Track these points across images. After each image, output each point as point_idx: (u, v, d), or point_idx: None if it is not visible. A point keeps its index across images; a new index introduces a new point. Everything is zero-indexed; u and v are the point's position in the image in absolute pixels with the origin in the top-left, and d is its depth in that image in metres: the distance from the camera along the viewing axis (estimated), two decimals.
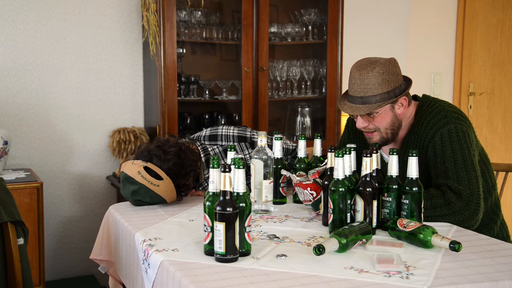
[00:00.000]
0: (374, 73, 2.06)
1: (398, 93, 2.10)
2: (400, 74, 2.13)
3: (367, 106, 2.08)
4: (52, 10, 3.37)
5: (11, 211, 1.93)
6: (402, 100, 2.13)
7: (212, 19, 3.49)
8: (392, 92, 2.09)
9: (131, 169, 2.22)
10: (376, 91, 2.07)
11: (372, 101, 2.08)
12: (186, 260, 1.65)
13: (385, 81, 2.07)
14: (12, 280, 1.90)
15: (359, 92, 2.09)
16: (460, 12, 4.48)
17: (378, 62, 2.08)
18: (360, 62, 2.13)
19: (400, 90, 2.10)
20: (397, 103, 2.13)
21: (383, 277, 1.51)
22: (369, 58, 2.14)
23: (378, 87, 2.07)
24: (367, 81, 2.07)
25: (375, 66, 2.07)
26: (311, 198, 2.10)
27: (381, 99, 2.08)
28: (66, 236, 3.53)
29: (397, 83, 2.10)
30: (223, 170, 1.58)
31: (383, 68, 2.07)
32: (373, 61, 2.10)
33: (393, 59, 2.13)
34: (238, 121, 3.56)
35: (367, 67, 2.08)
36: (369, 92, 2.07)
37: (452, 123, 2.10)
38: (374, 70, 2.06)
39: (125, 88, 3.57)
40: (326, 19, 3.62)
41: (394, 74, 2.09)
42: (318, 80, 3.75)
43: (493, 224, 2.21)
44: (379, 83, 2.06)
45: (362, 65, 2.10)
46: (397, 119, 2.16)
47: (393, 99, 2.08)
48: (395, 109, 2.13)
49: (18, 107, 3.35)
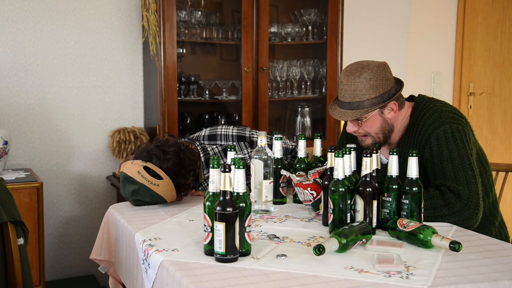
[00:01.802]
0: (361, 79, 2.06)
1: (387, 98, 2.09)
2: (390, 79, 2.11)
3: (354, 112, 2.08)
4: (52, 10, 3.37)
5: (11, 211, 1.93)
6: (391, 105, 2.12)
7: (212, 19, 3.49)
8: (381, 97, 2.08)
9: (131, 169, 2.22)
10: (363, 96, 2.07)
11: (360, 107, 2.08)
12: (186, 260, 1.65)
13: (373, 87, 2.06)
14: (12, 280, 1.90)
15: (347, 97, 2.09)
16: (460, 12, 4.48)
17: (367, 67, 2.08)
18: (350, 67, 2.12)
19: (389, 95, 2.10)
20: (387, 108, 2.12)
21: (383, 277, 1.51)
22: (360, 62, 2.13)
23: (365, 93, 2.06)
24: (354, 86, 2.07)
25: (362, 72, 2.06)
26: (311, 198, 2.10)
27: (369, 105, 2.07)
28: (66, 236, 3.53)
29: (386, 88, 2.09)
30: (223, 170, 1.58)
31: (370, 74, 2.06)
32: (364, 65, 2.10)
33: (383, 64, 2.11)
34: (238, 121, 3.56)
35: (355, 73, 2.07)
36: (357, 98, 2.07)
37: (447, 123, 2.09)
38: (361, 76, 2.06)
39: (125, 88, 3.57)
40: (326, 19, 3.62)
41: (383, 79, 2.08)
42: (318, 80, 3.75)
43: (490, 226, 2.21)
44: (366, 89, 2.06)
45: (351, 70, 2.10)
46: (388, 124, 2.15)
47: (382, 104, 2.08)
48: (384, 114, 2.13)
49: (18, 107, 3.35)
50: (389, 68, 2.14)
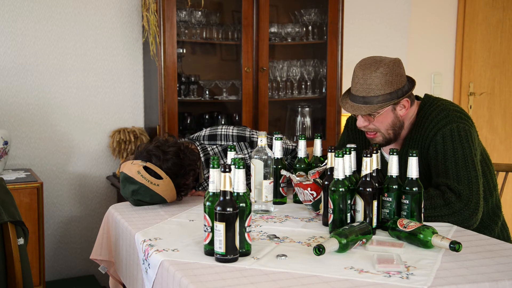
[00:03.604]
0: (378, 74, 2.05)
1: (400, 95, 2.09)
2: (403, 75, 2.11)
3: (368, 107, 2.07)
4: (52, 10, 3.37)
5: (11, 211, 1.93)
6: (404, 101, 2.12)
7: (212, 19, 3.49)
8: (395, 94, 2.07)
9: (131, 169, 2.22)
10: (378, 91, 2.06)
11: (374, 102, 2.07)
12: (186, 260, 1.65)
13: (388, 82, 2.06)
14: (12, 280, 1.90)
15: (361, 91, 2.08)
16: (460, 12, 4.48)
17: (383, 62, 2.07)
18: (365, 61, 2.11)
19: (403, 92, 2.09)
20: (399, 105, 2.12)
21: (383, 277, 1.51)
22: (374, 57, 2.12)
23: (380, 88, 2.06)
24: (370, 81, 2.06)
25: (379, 67, 2.06)
26: (311, 198, 2.10)
27: (383, 100, 2.07)
28: (66, 236, 3.53)
29: (400, 84, 2.09)
30: (223, 170, 1.58)
31: (387, 69, 2.06)
32: (378, 60, 2.09)
33: (397, 60, 2.11)
34: (238, 121, 3.56)
35: (371, 67, 2.06)
36: (372, 93, 2.06)
37: (455, 122, 2.09)
38: (377, 70, 2.05)
39: (125, 88, 3.57)
40: (326, 19, 3.62)
41: (398, 75, 2.08)
42: (318, 80, 3.75)
43: (493, 225, 2.21)
44: (382, 84, 2.05)
45: (367, 65, 2.09)
46: (399, 120, 2.15)
47: (395, 101, 2.07)
48: (396, 111, 2.12)
49: (18, 107, 3.35)
50: (403, 64, 2.14)
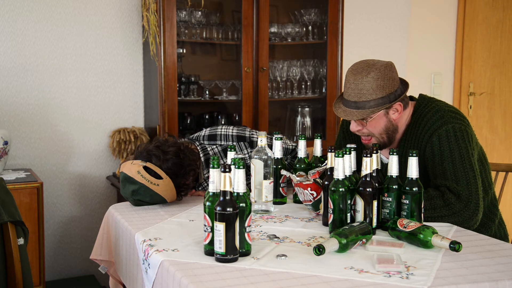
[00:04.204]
0: (369, 79, 2.04)
1: (393, 99, 2.08)
2: (396, 79, 2.10)
3: (360, 112, 2.07)
4: (52, 10, 3.37)
5: (11, 211, 1.93)
6: (397, 105, 2.11)
7: (212, 19, 3.49)
8: (387, 98, 2.07)
9: (131, 169, 2.22)
10: (370, 96, 2.05)
11: (366, 107, 2.06)
12: (186, 260, 1.65)
13: (380, 87, 2.05)
14: (12, 280, 1.90)
15: (353, 96, 2.08)
16: (460, 12, 4.48)
17: (374, 67, 2.06)
18: (356, 66, 2.11)
19: (395, 96, 2.08)
20: (392, 109, 2.11)
21: (383, 277, 1.51)
22: (366, 61, 2.12)
23: (372, 93, 2.05)
24: (361, 86, 2.05)
25: (370, 71, 2.05)
26: (311, 198, 2.10)
27: (375, 105, 2.06)
28: (66, 236, 3.53)
29: (392, 88, 2.08)
30: (223, 170, 1.58)
31: (378, 74, 2.05)
32: (370, 64, 2.08)
33: (390, 63, 2.10)
34: (238, 121, 3.56)
35: (363, 72, 2.06)
36: (363, 97, 2.06)
37: (450, 123, 2.09)
38: (369, 75, 2.04)
39: (125, 88, 3.57)
40: (326, 19, 3.62)
41: (390, 79, 2.07)
42: (318, 80, 3.75)
43: (491, 223, 2.21)
44: (373, 89, 2.05)
45: (358, 69, 2.08)
46: (392, 124, 2.14)
47: (388, 105, 2.07)
48: (389, 115, 2.12)
49: (18, 107, 3.35)
50: (395, 68, 2.12)
